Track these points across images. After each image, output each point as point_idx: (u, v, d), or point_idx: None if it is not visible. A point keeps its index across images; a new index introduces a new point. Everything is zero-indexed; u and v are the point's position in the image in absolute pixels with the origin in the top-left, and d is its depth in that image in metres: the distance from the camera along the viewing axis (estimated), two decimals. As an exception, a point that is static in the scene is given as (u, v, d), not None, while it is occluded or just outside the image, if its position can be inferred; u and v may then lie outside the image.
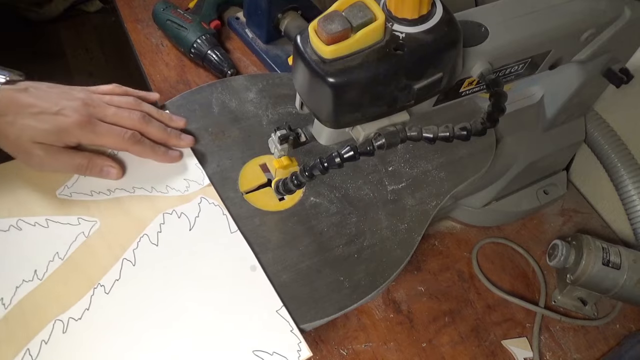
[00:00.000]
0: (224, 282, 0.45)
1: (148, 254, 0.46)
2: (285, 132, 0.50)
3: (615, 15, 0.50)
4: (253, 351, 0.42)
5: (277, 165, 0.52)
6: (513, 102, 0.63)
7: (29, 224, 0.46)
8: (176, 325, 0.42)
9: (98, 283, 0.43)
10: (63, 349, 0.40)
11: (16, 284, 0.42)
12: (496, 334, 0.63)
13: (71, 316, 0.41)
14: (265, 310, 0.44)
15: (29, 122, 0.47)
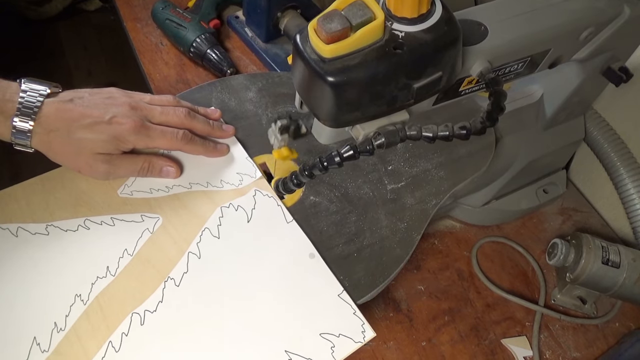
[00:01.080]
0: (285, 271, 0.47)
1: (211, 247, 0.48)
2: (286, 122, 0.50)
3: (614, 13, 0.49)
4: (320, 334, 0.44)
5: (276, 156, 0.52)
6: (512, 101, 0.63)
7: (96, 223, 0.48)
8: (245, 313, 0.44)
9: (168, 276, 0.46)
10: (143, 340, 0.42)
11: (91, 280, 0.44)
12: (496, 332, 0.63)
13: (147, 309, 0.43)
14: (327, 295, 0.46)
15: (84, 134, 0.47)
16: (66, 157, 0.49)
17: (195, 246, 0.48)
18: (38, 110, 0.46)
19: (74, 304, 0.43)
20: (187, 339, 0.42)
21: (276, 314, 0.45)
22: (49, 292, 0.43)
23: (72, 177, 0.50)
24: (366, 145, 0.41)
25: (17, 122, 0.46)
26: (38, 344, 0.41)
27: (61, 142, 0.47)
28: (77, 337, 0.41)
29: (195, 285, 0.45)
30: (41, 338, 0.41)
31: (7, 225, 0.46)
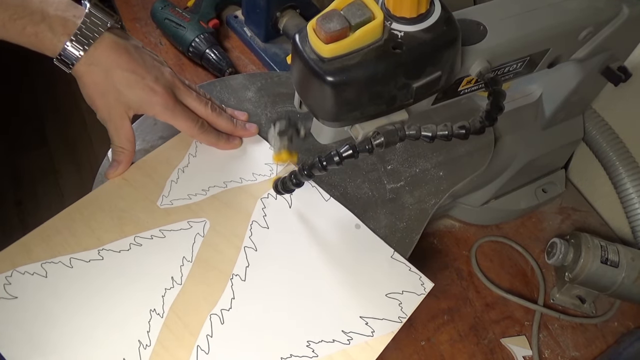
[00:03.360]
0: (338, 245, 0.49)
1: (263, 237, 0.49)
2: (284, 126, 0.50)
3: (613, 13, 0.50)
4: (386, 295, 0.47)
5: (276, 160, 0.52)
6: (511, 100, 0.63)
7: (146, 238, 0.48)
8: (312, 290, 0.47)
9: (232, 274, 0.47)
10: (228, 337, 0.43)
11: (160, 293, 0.45)
12: (495, 332, 0.63)
13: (222, 308, 0.45)
14: (381, 259, 0.49)
15: (119, 83, 0.48)
16: (92, 92, 0.48)
17: (248, 240, 0.49)
18: (92, 42, 0.46)
19: (152, 319, 0.43)
20: (267, 325, 0.44)
21: (341, 285, 0.47)
22: (124, 313, 0.44)
23: (107, 199, 0.50)
24: (365, 145, 0.41)
25: (69, 45, 0.46)
26: None
27: (95, 78, 0.47)
28: (164, 349, 0.42)
29: (260, 276, 0.47)
30: (131, 357, 0.41)
31: (58, 259, 0.45)
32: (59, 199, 1.58)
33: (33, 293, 0.43)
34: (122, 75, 0.48)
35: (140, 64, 0.49)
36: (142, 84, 0.49)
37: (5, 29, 0.44)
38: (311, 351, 0.43)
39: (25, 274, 0.44)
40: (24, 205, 1.57)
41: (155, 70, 0.50)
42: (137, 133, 0.57)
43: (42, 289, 0.44)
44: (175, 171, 0.53)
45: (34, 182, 1.62)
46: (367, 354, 0.44)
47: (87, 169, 1.65)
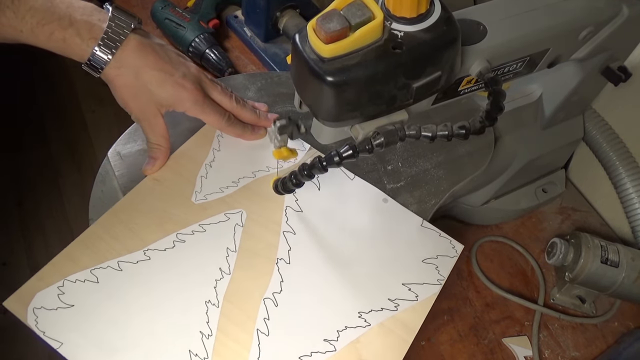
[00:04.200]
0: (370, 219, 0.52)
1: (299, 221, 0.51)
2: (284, 122, 0.50)
3: (613, 13, 0.50)
4: (422, 261, 0.50)
5: (276, 156, 0.52)
6: (511, 100, 0.63)
7: (188, 234, 0.49)
8: (353, 264, 0.49)
9: (277, 258, 0.49)
10: (284, 317, 0.45)
11: (212, 285, 0.46)
12: (495, 332, 0.63)
13: (274, 291, 0.47)
14: (412, 228, 0.52)
15: (150, 84, 0.49)
16: (124, 94, 0.49)
17: (286, 225, 0.51)
18: (119, 45, 0.47)
19: (208, 310, 0.45)
20: (318, 302, 0.46)
21: (379, 257, 0.50)
22: (180, 308, 0.45)
23: (142, 200, 0.50)
24: (365, 145, 0.41)
25: (97, 50, 0.46)
26: (196, 354, 0.43)
27: (126, 80, 0.48)
28: (226, 336, 0.44)
29: (303, 257, 0.49)
30: (196, 348, 0.43)
31: (106, 264, 0.46)
32: (59, 199, 1.58)
33: (88, 299, 0.44)
34: (151, 74, 0.49)
35: (167, 62, 0.50)
36: (171, 82, 0.49)
37: (34, 35, 0.45)
38: (363, 321, 0.46)
39: (76, 282, 0.45)
40: (24, 205, 1.57)
41: (182, 66, 0.51)
42: (137, 133, 0.58)
43: (96, 294, 0.44)
44: (203, 167, 0.54)
45: (34, 183, 1.62)
46: (414, 317, 0.47)
47: (87, 169, 1.65)
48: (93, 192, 0.53)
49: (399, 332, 0.46)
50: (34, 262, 1.46)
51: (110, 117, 1.75)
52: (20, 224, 1.53)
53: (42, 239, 1.51)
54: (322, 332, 0.45)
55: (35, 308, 0.43)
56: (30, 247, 1.49)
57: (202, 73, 0.53)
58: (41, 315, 0.43)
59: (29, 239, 1.51)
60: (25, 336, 1.34)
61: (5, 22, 0.44)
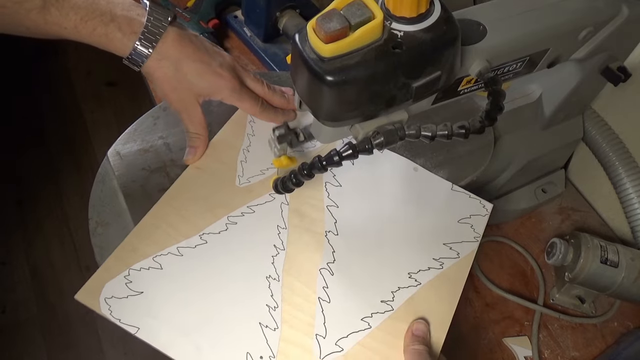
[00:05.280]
0: (404, 187, 0.55)
1: (339, 195, 0.54)
2: (283, 132, 0.51)
3: (612, 13, 0.50)
4: (458, 221, 0.54)
5: (276, 165, 0.52)
6: (511, 100, 0.63)
7: (238, 216, 0.51)
8: (396, 230, 0.52)
9: (325, 231, 0.51)
10: (341, 285, 0.48)
11: (269, 261, 0.49)
12: (495, 332, 0.63)
13: (328, 262, 0.49)
14: (443, 192, 0.55)
15: (189, 74, 0.50)
16: (165, 86, 0.51)
17: (328, 200, 0.53)
18: (159, 39, 0.48)
19: (270, 284, 0.47)
20: (370, 268, 0.49)
21: (418, 221, 0.53)
22: (244, 285, 0.47)
23: (189, 189, 0.52)
24: (365, 145, 0.41)
25: (138, 45, 0.47)
26: (266, 326, 0.45)
27: (166, 73, 0.50)
28: (291, 307, 0.47)
29: (349, 228, 0.51)
30: (266, 320, 0.46)
31: (167, 250, 0.48)
32: (59, 198, 1.58)
33: (155, 285, 0.46)
34: (191, 66, 0.50)
35: (204, 52, 0.51)
36: (210, 71, 0.51)
37: (77, 30, 0.46)
38: (414, 280, 0.49)
39: (141, 270, 0.47)
40: (23, 205, 1.57)
41: (218, 56, 0.52)
42: (136, 133, 0.58)
43: (162, 279, 0.46)
44: (240, 152, 0.55)
45: (33, 182, 1.62)
46: (459, 272, 0.50)
47: (87, 168, 1.65)
48: (92, 191, 0.53)
49: (447, 287, 0.49)
50: (33, 261, 1.46)
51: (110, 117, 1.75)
52: (20, 223, 1.53)
53: (41, 239, 1.51)
54: (378, 294, 0.48)
55: (106, 298, 0.45)
56: (30, 246, 1.49)
57: (236, 61, 0.55)
58: (114, 304, 0.45)
59: (28, 238, 1.51)
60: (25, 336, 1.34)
61: (50, 19, 0.45)
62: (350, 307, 0.47)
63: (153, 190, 0.53)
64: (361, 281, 0.49)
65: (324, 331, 0.45)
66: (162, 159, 0.56)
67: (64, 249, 1.49)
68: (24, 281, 1.42)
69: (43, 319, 1.36)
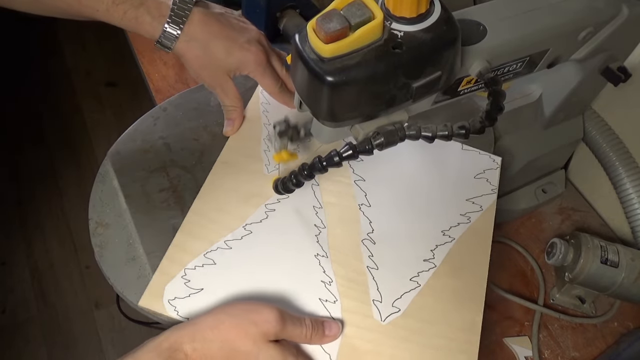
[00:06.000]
0: (420, 155, 0.57)
1: (364, 169, 0.56)
2: (284, 127, 0.51)
3: (613, 13, 0.50)
4: (474, 177, 0.57)
5: (277, 160, 0.52)
6: (511, 100, 0.63)
7: (275, 203, 0.53)
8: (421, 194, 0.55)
9: (358, 204, 0.54)
10: (385, 252, 0.51)
11: (314, 240, 0.51)
12: (495, 332, 0.63)
13: (368, 232, 0.52)
14: (456, 152, 0.59)
15: (218, 52, 0.52)
16: (196, 65, 0.53)
17: (354, 175, 0.56)
18: (186, 20, 0.50)
19: (320, 262, 0.49)
20: (407, 231, 0.52)
21: (439, 183, 0.56)
22: (297, 267, 0.49)
23: (221, 183, 0.53)
24: (365, 145, 0.41)
25: (167, 27, 0.49)
26: (326, 300, 0.47)
27: (196, 53, 0.52)
28: (344, 279, 0.49)
29: (379, 197, 0.54)
30: (325, 295, 0.48)
31: (215, 246, 0.49)
32: (59, 198, 1.58)
33: (213, 280, 0.47)
34: (219, 44, 0.51)
35: (230, 29, 0.53)
36: (237, 47, 0.52)
37: (109, 13, 0.49)
38: (448, 237, 0.52)
39: (196, 268, 0.48)
40: (23, 205, 1.57)
41: (245, 31, 0.54)
42: (137, 133, 0.58)
43: (218, 273, 0.48)
44: (262, 142, 0.57)
45: (33, 182, 1.62)
46: (485, 223, 0.54)
47: (87, 168, 1.65)
48: (93, 191, 0.53)
49: (477, 239, 0.53)
50: (33, 261, 1.46)
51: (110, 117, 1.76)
52: (20, 223, 1.53)
53: (41, 239, 1.51)
54: (420, 254, 0.51)
55: (169, 300, 0.46)
56: (30, 246, 1.49)
57: (262, 35, 0.56)
58: (178, 305, 0.45)
59: (28, 238, 1.51)
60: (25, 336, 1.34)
61: (84, 2, 0.48)
62: (398, 270, 0.50)
63: (153, 190, 0.53)
64: (402, 245, 0.51)
65: (380, 296, 0.48)
66: (162, 159, 0.56)
67: (64, 249, 1.49)
68: (24, 281, 1.42)
69: (43, 319, 1.36)
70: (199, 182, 0.54)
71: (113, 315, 1.36)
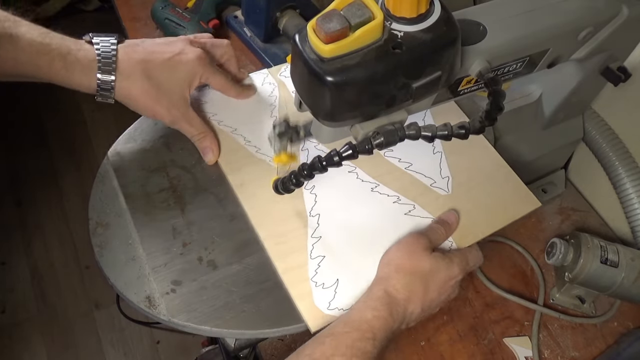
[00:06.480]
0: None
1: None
2: (283, 128, 0.50)
3: (612, 13, 0.50)
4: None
5: (276, 162, 0.52)
6: (511, 100, 0.63)
7: (309, 188, 0.54)
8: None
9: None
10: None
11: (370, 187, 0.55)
12: (495, 332, 0.63)
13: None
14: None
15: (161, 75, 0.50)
16: (147, 102, 0.50)
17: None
18: (115, 60, 0.48)
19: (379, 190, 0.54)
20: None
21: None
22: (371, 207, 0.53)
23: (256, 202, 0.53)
24: (365, 145, 0.41)
25: (100, 75, 0.48)
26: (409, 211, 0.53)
27: (141, 86, 0.49)
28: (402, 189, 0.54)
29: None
30: (404, 209, 0.53)
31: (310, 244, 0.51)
32: (59, 199, 1.58)
33: (338, 266, 0.49)
34: (158, 66, 0.50)
35: (159, 48, 0.51)
36: (176, 60, 0.51)
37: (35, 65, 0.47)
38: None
39: (317, 273, 0.49)
40: (23, 205, 1.57)
41: (171, 43, 0.52)
42: (137, 133, 0.58)
43: (335, 259, 0.50)
44: (248, 148, 0.56)
45: (33, 183, 1.62)
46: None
47: (87, 169, 1.65)
48: (93, 192, 0.53)
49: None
50: (33, 261, 1.46)
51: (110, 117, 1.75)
52: (20, 223, 1.53)
53: (41, 239, 1.51)
54: None
55: (328, 308, 0.47)
56: (30, 246, 1.49)
57: (188, 38, 0.54)
58: (336, 304, 0.47)
59: (28, 238, 1.51)
60: (25, 336, 1.34)
61: (3, 55, 0.46)
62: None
63: (153, 190, 0.53)
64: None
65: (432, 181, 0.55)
66: (162, 159, 0.56)
67: (64, 249, 1.49)
68: (24, 281, 1.42)
69: (43, 319, 1.36)
70: (199, 182, 0.54)
71: (113, 315, 1.36)
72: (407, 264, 0.47)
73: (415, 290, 0.45)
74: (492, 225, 0.54)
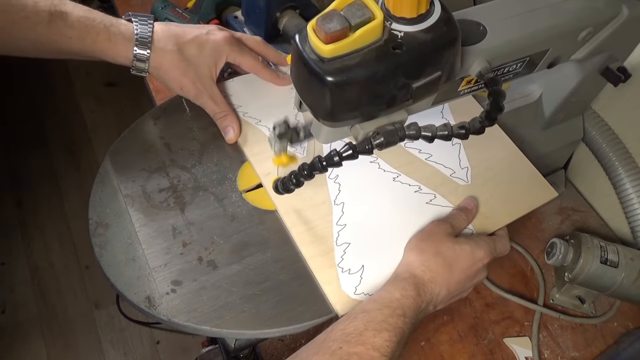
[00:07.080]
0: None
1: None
2: (283, 129, 0.50)
3: (612, 14, 0.50)
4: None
5: (276, 163, 0.52)
6: (511, 100, 0.63)
7: (333, 178, 0.55)
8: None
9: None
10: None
11: (392, 177, 0.56)
12: (495, 332, 0.63)
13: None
14: None
15: (191, 51, 0.54)
16: (177, 75, 0.54)
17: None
18: (151, 36, 0.53)
19: (401, 180, 0.56)
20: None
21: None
22: (393, 195, 0.55)
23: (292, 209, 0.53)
24: (365, 145, 0.41)
25: (136, 50, 0.52)
26: (430, 200, 0.54)
27: (172, 60, 0.53)
28: (424, 179, 0.56)
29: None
30: (425, 198, 0.55)
31: (336, 231, 0.52)
32: (59, 199, 1.58)
33: (363, 252, 0.51)
34: (189, 43, 0.54)
35: (190, 29, 0.55)
36: (204, 39, 0.55)
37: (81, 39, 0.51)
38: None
39: (343, 258, 0.50)
40: (23, 205, 1.57)
41: (202, 27, 0.56)
42: (136, 133, 0.58)
43: (360, 245, 0.51)
44: (265, 136, 0.58)
45: (33, 183, 1.62)
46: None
47: (87, 169, 1.65)
48: (92, 192, 0.53)
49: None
50: (33, 261, 1.46)
51: (110, 117, 1.76)
52: (20, 224, 1.53)
53: (41, 239, 1.51)
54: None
55: (355, 293, 0.48)
56: (30, 246, 1.49)
57: (217, 25, 0.58)
58: (362, 289, 0.48)
59: (28, 238, 1.51)
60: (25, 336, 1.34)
61: (55, 30, 0.49)
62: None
63: (153, 190, 0.53)
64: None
65: (452, 171, 0.57)
66: (162, 159, 0.56)
67: (64, 249, 1.49)
68: (24, 281, 1.42)
69: (43, 319, 1.36)
70: (199, 182, 0.54)
71: (113, 315, 1.36)
72: (430, 247, 0.48)
73: (440, 271, 0.47)
74: (510, 214, 0.55)
